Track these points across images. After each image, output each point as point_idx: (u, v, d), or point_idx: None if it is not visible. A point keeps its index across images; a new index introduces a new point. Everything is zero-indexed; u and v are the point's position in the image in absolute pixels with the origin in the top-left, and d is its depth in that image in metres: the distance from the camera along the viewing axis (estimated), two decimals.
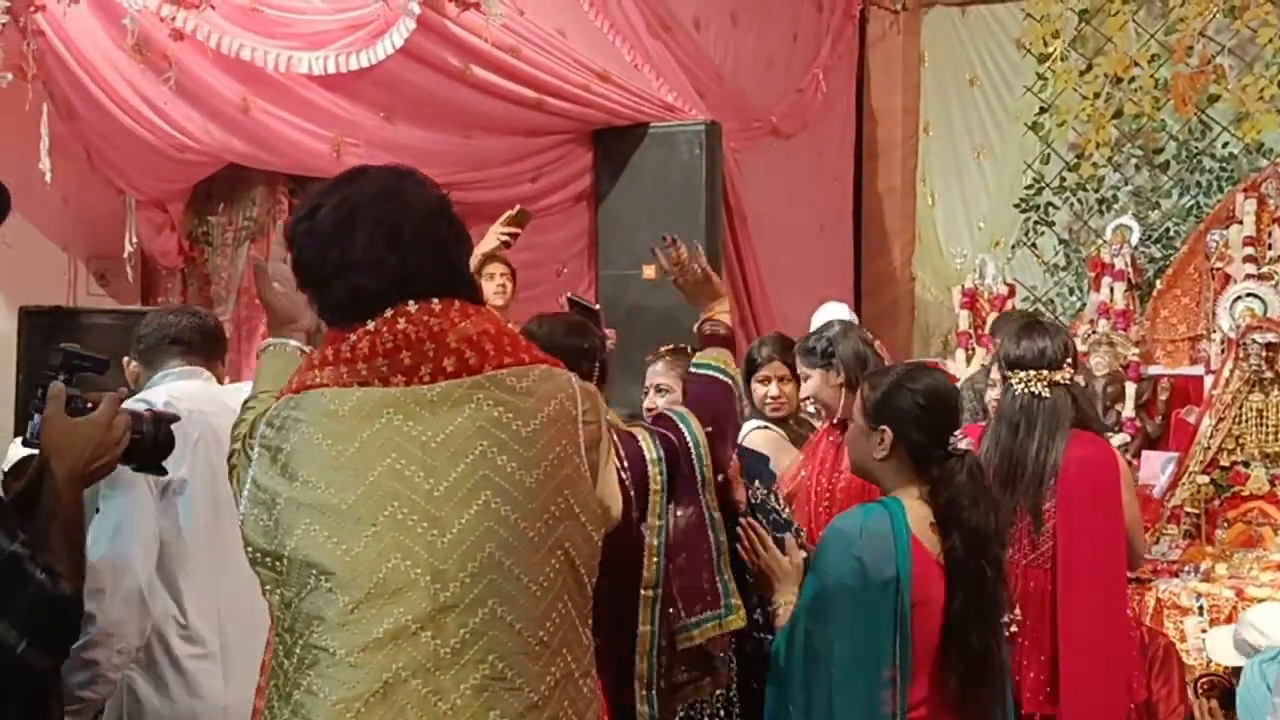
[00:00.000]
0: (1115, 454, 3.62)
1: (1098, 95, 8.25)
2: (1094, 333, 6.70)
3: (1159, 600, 4.79)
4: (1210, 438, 5.35)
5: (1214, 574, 4.99)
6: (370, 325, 1.87)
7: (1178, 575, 4.99)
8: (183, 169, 5.18)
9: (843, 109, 8.72)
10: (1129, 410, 6.39)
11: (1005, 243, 8.58)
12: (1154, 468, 5.62)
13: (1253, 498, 5.31)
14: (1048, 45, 8.44)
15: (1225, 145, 7.91)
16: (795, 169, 7.95)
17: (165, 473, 2.42)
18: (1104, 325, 6.78)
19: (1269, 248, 6.69)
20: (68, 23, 4.61)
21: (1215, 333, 6.47)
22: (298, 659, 1.76)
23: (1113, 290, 6.92)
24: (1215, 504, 5.34)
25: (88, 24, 4.66)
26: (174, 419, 2.37)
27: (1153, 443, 6.36)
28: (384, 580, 1.74)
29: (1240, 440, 5.34)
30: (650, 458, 2.63)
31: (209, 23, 4.74)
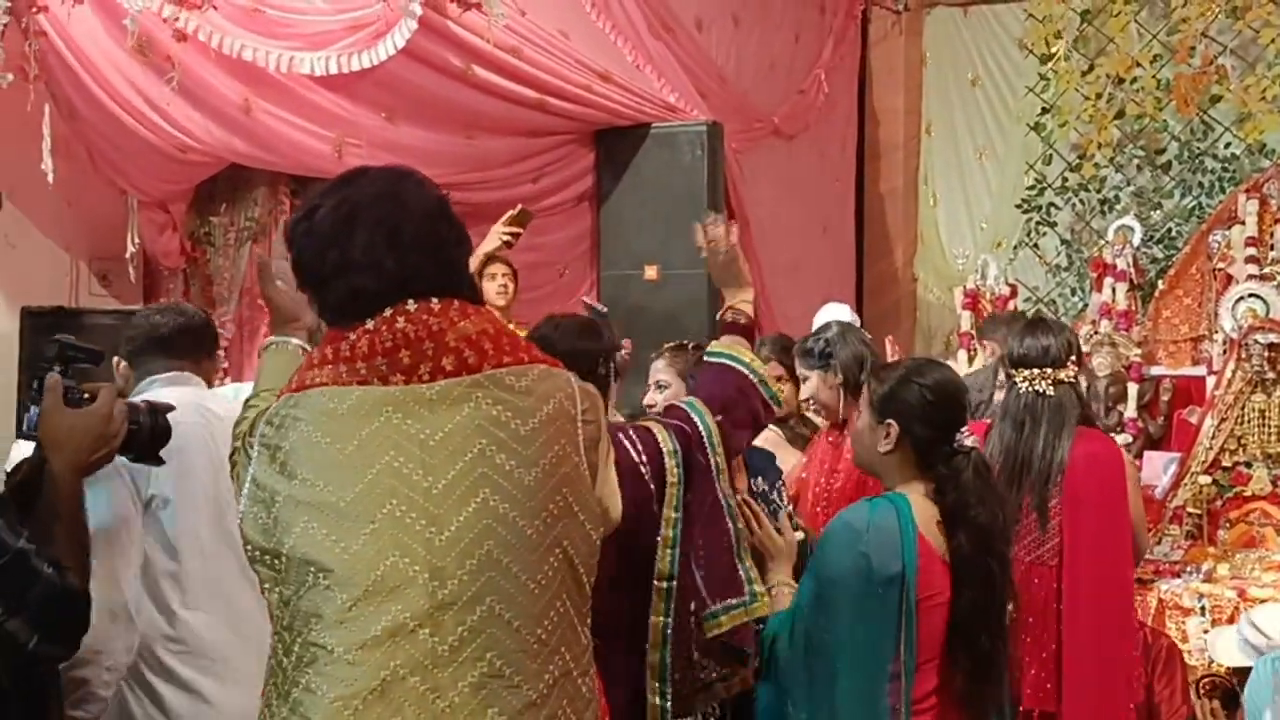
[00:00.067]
0: (1121, 451, 3.63)
1: (1100, 96, 8.24)
2: (1096, 333, 6.69)
3: (1161, 601, 4.79)
4: (1212, 438, 5.36)
5: (1216, 575, 4.99)
6: (370, 324, 1.86)
7: (1179, 576, 4.99)
8: (184, 169, 5.18)
9: (845, 110, 8.71)
10: (1131, 411, 6.38)
11: (1007, 243, 8.58)
12: (1156, 468, 5.62)
13: (1255, 498, 5.31)
14: (1050, 46, 8.43)
15: (1227, 146, 7.91)
16: (797, 170, 7.94)
17: (162, 462, 2.40)
18: (1106, 326, 6.78)
19: (1271, 248, 6.71)
20: (70, 23, 4.61)
21: (1217, 333, 6.48)
22: (296, 657, 1.76)
23: (1115, 291, 6.91)
24: (1217, 505, 5.35)
25: (90, 25, 4.66)
26: (169, 409, 2.37)
27: (1155, 443, 6.36)
28: (382, 578, 1.74)
29: (1242, 441, 5.34)
30: (666, 450, 2.61)
31: (211, 23, 4.74)
